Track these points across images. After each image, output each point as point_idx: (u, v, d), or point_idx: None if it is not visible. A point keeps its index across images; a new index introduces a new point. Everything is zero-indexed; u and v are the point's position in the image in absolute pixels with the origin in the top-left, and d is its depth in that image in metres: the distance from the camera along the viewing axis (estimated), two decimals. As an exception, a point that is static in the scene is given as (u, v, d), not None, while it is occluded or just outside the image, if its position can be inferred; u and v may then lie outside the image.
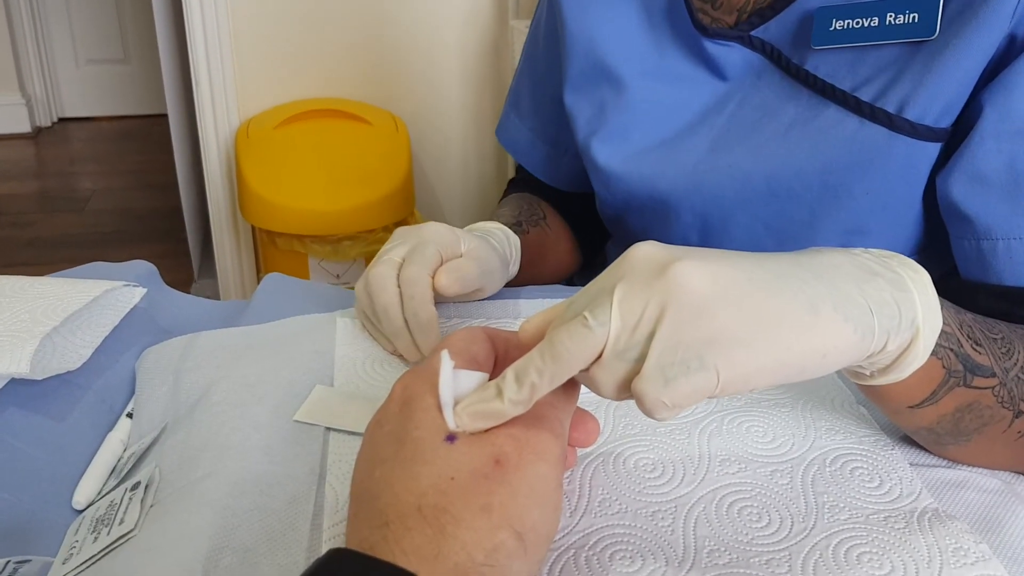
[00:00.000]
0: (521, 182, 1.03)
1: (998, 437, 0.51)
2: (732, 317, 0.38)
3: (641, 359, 0.39)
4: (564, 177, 0.98)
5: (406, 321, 0.63)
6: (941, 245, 0.67)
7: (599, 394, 0.41)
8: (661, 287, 0.39)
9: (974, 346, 0.48)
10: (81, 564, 0.48)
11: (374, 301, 0.64)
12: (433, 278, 0.65)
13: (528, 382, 0.40)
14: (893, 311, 0.42)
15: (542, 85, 0.94)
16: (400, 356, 0.65)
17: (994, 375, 0.49)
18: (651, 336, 0.39)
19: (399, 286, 0.64)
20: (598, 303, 0.40)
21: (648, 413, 0.39)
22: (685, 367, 0.38)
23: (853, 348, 0.41)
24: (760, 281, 0.40)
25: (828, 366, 0.41)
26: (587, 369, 0.41)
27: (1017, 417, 0.51)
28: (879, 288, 0.42)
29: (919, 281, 0.44)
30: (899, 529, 0.47)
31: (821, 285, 0.40)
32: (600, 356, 0.40)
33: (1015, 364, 0.50)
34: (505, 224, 0.83)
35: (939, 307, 0.45)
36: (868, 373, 0.46)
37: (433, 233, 0.68)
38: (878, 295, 0.42)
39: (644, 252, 0.41)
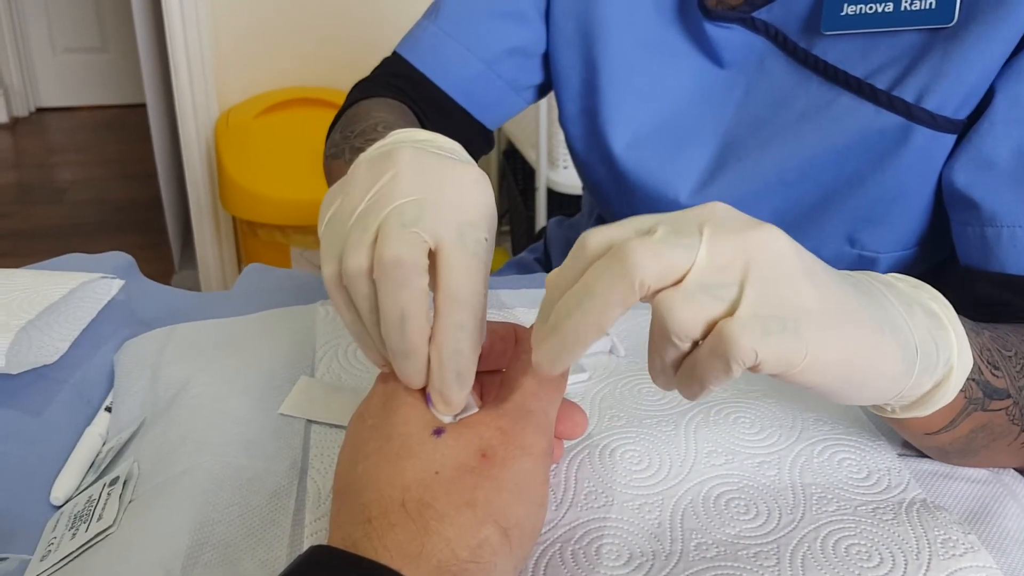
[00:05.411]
0: (383, 86, 0.85)
1: (1003, 449, 0.51)
2: (818, 298, 0.35)
3: (731, 302, 0.34)
4: (482, 102, 0.84)
5: (439, 353, 0.41)
6: (941, 235, 0.66)
7: (669, 325, 0.35)
8: (755, 240, 0.35)
9: (993, 371, 0.47)
10: (59, 561, 0.47)
11: (384, 300, 0.40)
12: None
13: (598, 295, 0.35)
14: (931, 348, 0.40)
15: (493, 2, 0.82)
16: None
17: (1009, 396, 0.48)
18: (742, 282, 0.34)
19: (430, 288, 0.41)
20: (684, 230, 0.35)
21: (727, 362, 0.34)
22: (782, 324, 0.34)
23: (897, 378, 0.39)
24: (834, 277, 0.37)
25: (874, 388, 0.38)
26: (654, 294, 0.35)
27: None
28: (919, 324, 0.40)
29: (952, 318, 0.43)
30: (887, 520, 0.47)
31: (876, 305, 0.39)
32: (680, 281, 0.35)
33: None
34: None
35: (968, 345, 0.43)
36: (890, 408, 0.44)
37: (476, 204, 0.43)
38: (921, 331, 0.40)
39: (725, 208, 0.37)
